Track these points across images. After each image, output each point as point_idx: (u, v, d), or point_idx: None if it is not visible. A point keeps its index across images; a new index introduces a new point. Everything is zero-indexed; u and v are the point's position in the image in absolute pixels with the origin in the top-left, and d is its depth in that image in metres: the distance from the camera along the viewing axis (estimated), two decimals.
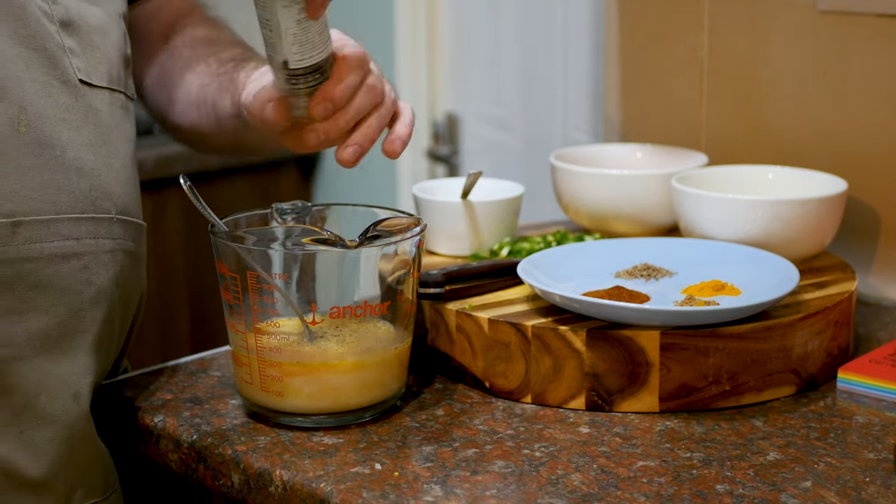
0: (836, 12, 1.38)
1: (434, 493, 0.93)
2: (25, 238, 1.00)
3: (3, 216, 0.99)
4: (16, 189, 1.00)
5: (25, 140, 1.01)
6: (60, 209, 1.02)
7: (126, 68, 1.13)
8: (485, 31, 2.26)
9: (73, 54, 1.05)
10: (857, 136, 1.39)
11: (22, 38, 1.02)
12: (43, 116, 1.02)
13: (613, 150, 1.53)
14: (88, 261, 1.05)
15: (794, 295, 1.16)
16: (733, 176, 1.38)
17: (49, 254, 1.02)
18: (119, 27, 1.13)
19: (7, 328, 1.00)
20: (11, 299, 1.00)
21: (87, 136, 1.06)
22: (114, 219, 1.07)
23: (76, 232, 1.04)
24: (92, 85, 1.07)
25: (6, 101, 1.00)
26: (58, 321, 1.03)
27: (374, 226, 1.04)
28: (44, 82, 1.03)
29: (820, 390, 1.13)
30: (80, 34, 1.06)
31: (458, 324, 1.13)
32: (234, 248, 1.03)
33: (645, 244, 1.26)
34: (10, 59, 1.01)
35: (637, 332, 1.07)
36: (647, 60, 1.59)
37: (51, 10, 1.04)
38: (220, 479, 1.02)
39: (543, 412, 1.08)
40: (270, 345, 1.04)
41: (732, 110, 1.50)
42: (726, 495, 0.92)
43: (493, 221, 1.31)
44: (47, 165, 1.02)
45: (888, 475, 0.96)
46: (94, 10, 1.09)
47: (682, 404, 1.08)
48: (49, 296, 1.02)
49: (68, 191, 1.03)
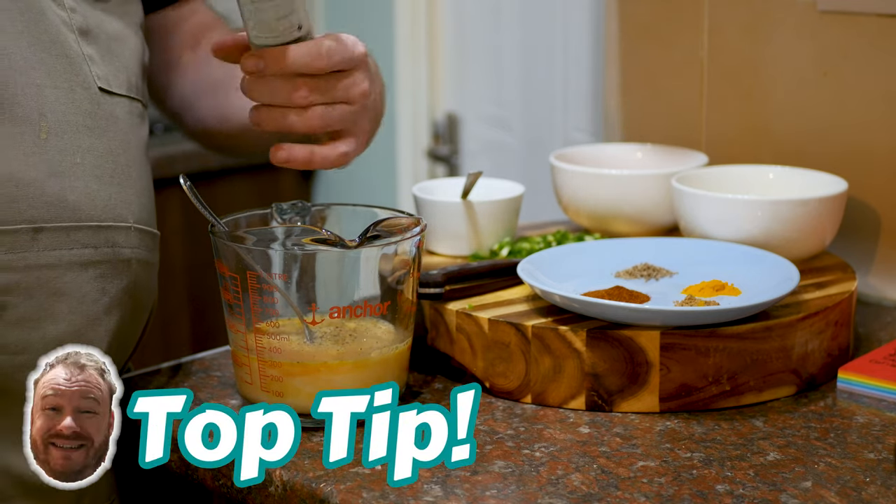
0: (836, 12, 1.38)
1: (434, 493, 0.93)
2: (46, 245, 1.00)
3: (24, 222, 0.99)
4: (37, 195, 1.00)
5: (47, 146, 1.00)
6: (80, 217, 1.02)
7: (143, 77, 1.13)
8: (485, 31, 2.26)
9: (93, 62, 1.05)
10: (857, 136, 1.39)
11: (43, 44, 1.01)
12: (64, 123, 1.02)
13: (613, 150, 1.53)
14: (105, 269, 1.04)
15: (795, 295, 1.16)
16: (733, 176, 1.38)
17: (68, 261, 1.02)
18: (137, 36, 1.12)
19: (23, 335, 1.00)
20: (29, 306, 1.00)
21: (108, 143, 1.05)
22: (131, 228, 1.07)
23: (95, 240, 1.03)
24: (112, 93, 1.06)
25: (27, 107, 1.00)
26: (73, 329, 1.03)
27: (374, 226, 1.04)
28: (65, 89, 1.02)
29: (820, 390, 1.13)
30: (98, 42, 1.06)
31: (458, 324, 1.13)
32: (234, 248, 1.03)
33: (645, 244, 1.26)
34: (32, 66, 1.00)
35: (637, 332, 1.07)
36: (647, 60, 1.59)
37: (69, 19, 1.04)
38: (220, 479, 1.02)
39: (543, 412, 1.08)
40: (270, 345, 1.04)
41: (732, 110, 1.50)
42: (726, 495, 0.92)
43: (493, 221, 1.31)
44: (68, 172, 1.01)
45: (888, 475, 0.96)
46: (111, 19, 1.09)
47: (683, 404, 1.08)
48: (66, 304, 1.02)
49: (88, 198, 1.03)
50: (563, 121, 2.11)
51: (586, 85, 2.03)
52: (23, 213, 0.99)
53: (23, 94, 0.99)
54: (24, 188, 0.99)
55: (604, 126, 1.67)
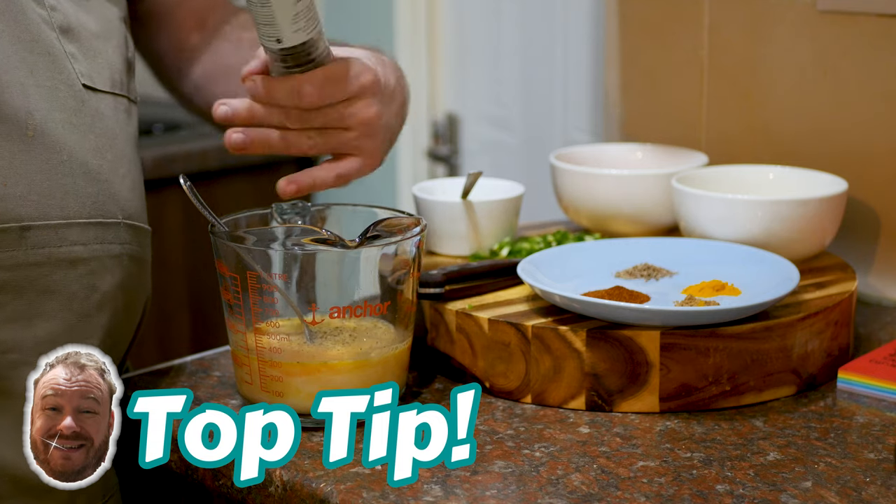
0: (836, 12, 1.38)
1: (434, 493, 0.93)
2: (34, 243, 1.00)
3: (12, 221, 0.99)
4: (24, 193, 1.00)
5: (33, 144, 1.00)
6: (69, 214, 1.02)
7: (128, 72, 1.13)
8: (485, 31, 2.26)
9: (76, 60, 1.05)
10: (857, 136, 1.39)
11: (25, 42, 1.02)
12: (50, 121, 1.02)
13: (613, 150, 1.53)
14: (95, 266, 1.04)
15: (795, 295, 1.16)
16: (733, 176, 1.38)
17: (57, 259, 1.02)
18: (120, 31, 1.12)
19: (15, 334, 1.00)
20: (20, 305, 1.00)
21: (94, 140, 1.05)
22: (121, 224, 1.07)
23: (84, 237, 1.03)
24: (96, 90, 1.07)
25: (14, 106, 1.00)
26: (65, 327, 1.03)
27: (374, 226, 1.04)
28: (49, 87, 1.02)
29: (820, 390, 1.13)
30: (80, 40, 1.06)
31: (458, 324, 1.13)
32: (234, 248, 1.03)
33: (645, 244, 1.26)
34: (15, 65, 1.01)
35: (637, 332, 1.07)
36: (647, 60, 1.59)
37: (50, 17, 1.04)
38: (220, 479, 1.02)
39: (543, 412, 1.08)
40: (270, 345, 1.04)
41: (732, 110, 1.50)
42: (726, 495, 0.92)
43: (493, 221, 1.31)
44: (55, 170, 1.02)
45: (888, 475, 0.96)
46: (92, 16, 1.09)
47: (683, 404, 1.08)
48: (57, 301, 1.02)
49: (76, 196, 1.03)
50: (563, 121, 2.11)
51: (586, 85, 2.03)
52: (10, 212, 0.99)
53: (8, 93, 1.00)
54: (12, 186, 0.99)
55: (604, 126, 1.67)
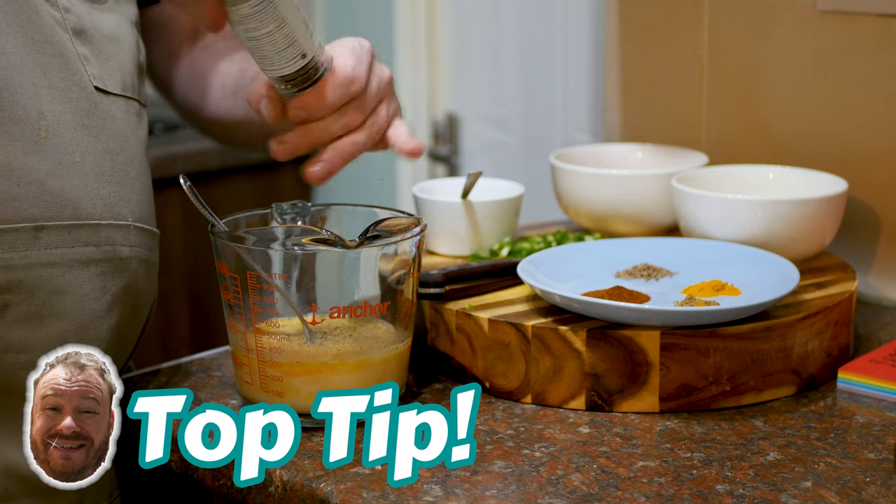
0: (836, 12, 1.38)
1: (434, 493, 0.93)
2: (47, 243, 1.00)
3: (25, 221, 0.99)
4: (38, 194, 1.00)
5: (46, 145, 1.01)
6: (81, 215, 1.02)
7: (139, 76, 1.13)
8: (485, 31, 2.26)
9: (88, 62, 1.05)
10: (857, 136, 1.39)
11: (38, 44, 1.02)
12: (62, 122, 1.02)
13: (613, 150, 1.53)
14: (105, 268, 1.04)
15: (795, 295, 1.16)
16: (733, 176, 1.38)
17: (69, 260, 1.02)
18: (132, 35, 1.13)
19: (26, 334, 1.00)
20: (32, 305, 1.00)
21: (106, 142, 1.05)
22: (131, 226, 1.07)
23: (95, 239, 1.03)
24: (107, 92, 1.07)
25: (26, 106, 1.00)
26: (76, 327, 1.03)
27: (374, 226, 1.04)
28: (62, 88, 1.02)
29: (820, 390, 1.13)
30: (93, 42, 1.06)
31: (458, 324, 1.13)
32: (234, 248, 1.03)
33: (645, 244, 1.26)
34: (28, 66, 1.01)
35: (637, 332, 1.07)
36: (647, 60, 1.59)
37: (63, 19, 1.04)
38: (220, 479, 1.02)
39: (543, 412, 1.08)
40: (270, 345, 1.04)
41: (732, 110, 1.50)
42: (726, 495, 0.92)
43: (493, 221, 1.31)
44: (68, 171, 1.02)
45: (888, 475, 0.96)
46: (106, 19, 1.09)
47: (683, 404, 1.08)
48: (68, 302, 1.02)
49: (88, 197, 1.03)
50: (563, 121, 2.11)
51: (586, 85, 2.03)
52: (24, 212, 0.99)
53: (21, 93, 1.00)
54: (25, 187, 0.99)
55: (604, 126, 1.67)
